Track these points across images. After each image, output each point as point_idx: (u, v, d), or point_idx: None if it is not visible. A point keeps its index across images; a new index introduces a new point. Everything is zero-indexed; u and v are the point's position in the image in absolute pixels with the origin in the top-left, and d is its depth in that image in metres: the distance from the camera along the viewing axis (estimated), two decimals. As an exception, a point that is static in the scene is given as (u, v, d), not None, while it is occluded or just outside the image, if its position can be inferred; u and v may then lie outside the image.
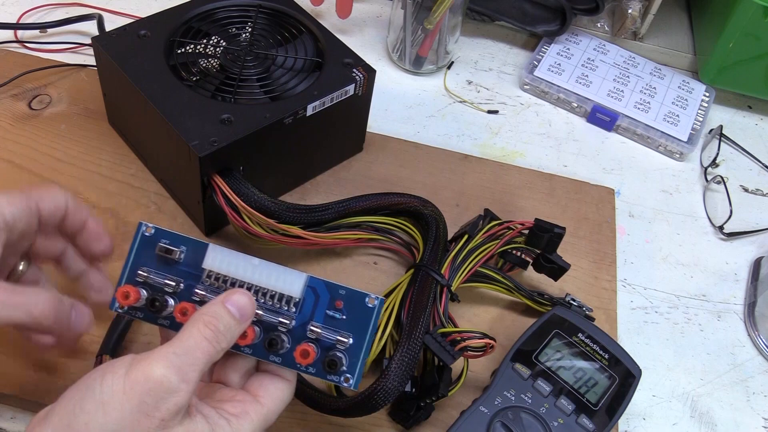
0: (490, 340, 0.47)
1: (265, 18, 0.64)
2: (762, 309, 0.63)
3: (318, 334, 0.40)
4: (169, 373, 0.34)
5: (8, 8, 0.77)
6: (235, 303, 0.38)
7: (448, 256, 0.54)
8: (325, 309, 0.41)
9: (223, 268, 0.41)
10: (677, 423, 0.56)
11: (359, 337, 0.40)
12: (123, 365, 0.35)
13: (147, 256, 0.41)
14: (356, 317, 0.40)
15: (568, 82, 0.79)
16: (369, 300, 0.40)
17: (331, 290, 0.41)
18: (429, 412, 0.50)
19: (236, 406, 0.39)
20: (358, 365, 0.40)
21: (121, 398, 0.34)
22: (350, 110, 0.62)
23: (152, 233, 0.41)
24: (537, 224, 0.55)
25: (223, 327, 0.37)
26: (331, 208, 0.56)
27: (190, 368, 0.35)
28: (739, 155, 0.79)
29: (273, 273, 0.40)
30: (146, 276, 0.41)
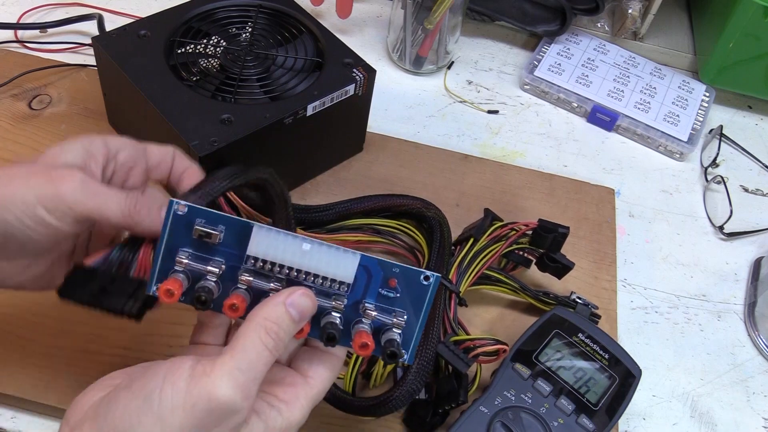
0: (502, 345, 0.48)
1: (265, 18, 0.64)
2: (762, 309, 0.63)
3: (372, 316, 0.38)
4: (234, 394, 0.33)
5: (8, 8, 0.77)
6: (298, 306, 0.36)
7: (455, 260, 0.54)
8: (378, 288, 0.39)
9: (269, 254, 0.37)
10: (677, 423, 0.56)
11: (414, 314, 0.39)
12: (183, 376, 0.33)
13: (181, 238, 0.37)
14: (411, 295, 0.39)
15: (568, 82, 0.79)
16: (424, 277, 0.38)
17: (385, 269, 0.38)
18: (444, 418, 0.51)
19: (287, 391, 0.38)
20: (412, 342, 0.39)
21: (181, 415, 0.32)
22: (350, 110, 0.62)
23: (185, 212, 0.37)
24: (541, 225, 0.55)
25: (284, 333, 0.36)
26: (332, 208, 0.56)
27: (253, 384, 0.34)
28: (739, 155, 0.79)
29: (324, 257, 0.38)
30: (186, 262, 0.37)
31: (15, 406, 0.50)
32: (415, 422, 0.50)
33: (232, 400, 0.33)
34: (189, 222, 0.37)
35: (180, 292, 0.37)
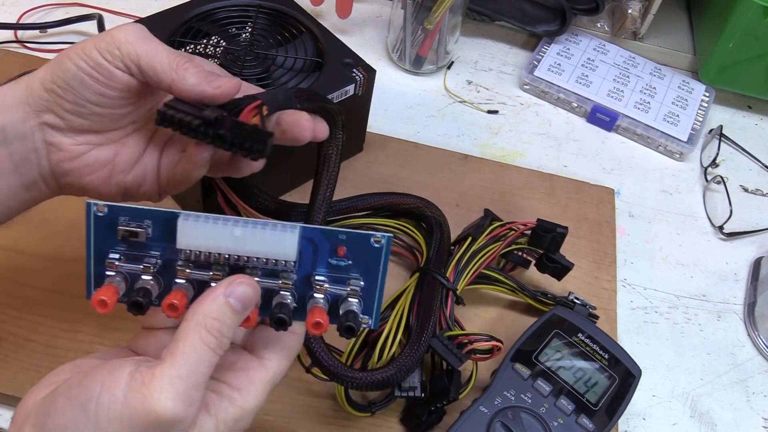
0: (496, 342, 0.48)
1: (265, 18, 0.64)
2: (762, 309, 0.63)
3: (324, 289, 0.36)
4: (175, 406, 0.31)
5: (8, 8, 0.77)
6: (239, 296, 0.34)
7: (453, 258, 0.54)
8: (327, 258, 0.36)
9: (201, 245, 0.35)
10: (677, 423, 0.56)
11: (371, 279, 0.36)
12: (121, 385, 0.31)
13: (109, 240, 0.35)
14: (364, 260, 0.36)
15: (568, 82, 0.79)
16: (374, 240, 0.36)
17: (330, 238, 0.36)
18: (440, 417, 0.51)
19: (239, 377, 0.35)
20: (374, 307, 0.36)
21: (118, 428, 0.30)
22: (350, 110, 0.62)
23: (106, 213, 0.35)
24: (540, 225, 0.55)
25: (227, 328, 0.33)
26: (333, 206, 0.56)
27: (196, 390, 0.32)
28: (739, 155, 0.79)
29: (260, 239, 0.35)
30: (117, 268, 0.35)
31: (15, 406, 0.50)
32: (411, 421, 0.50)
33: (173, 413, 0.30)
34: (112, 222, 0.35)
35: (115, 300, 0.34)
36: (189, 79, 0.38)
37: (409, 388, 0.49)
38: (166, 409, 0.30)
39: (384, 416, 0.51)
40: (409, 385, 0.49)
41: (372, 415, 0.51)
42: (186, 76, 0.38)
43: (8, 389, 0.49)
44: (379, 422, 0.51)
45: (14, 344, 0.51)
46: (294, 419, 0.50)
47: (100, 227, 0.35)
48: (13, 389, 0.49)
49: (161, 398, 0.30)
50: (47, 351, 0.51)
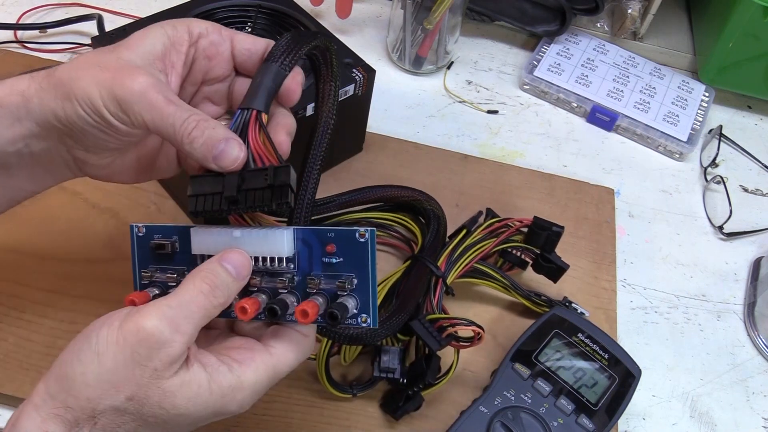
0: (477, 328, 0.47)
1: (264, 18, 0.64)
2: (762, 309, 0.63)
3: (317, 285, 0.39)
4: (162, 325, 0.34)
5: (8, 8, 0.77)
6: (231, 261, 0.38)
7: (446, 249, 0.54)
8: (320, 257, 0.39)
9: (211, 249, 0.39)
10: (677, 423, 0.56)
11: (362, 274, 0.38)
12: (119, 317, 0.35)
13: (148, 257, 0.42)
14: (352, 256, 0.38)
15: (568, 82, 0.79)
16: (359, 234, 0.38)
17: (320, 236, 0.39)
18: (418, 404, 0.51)
19: (242, 353, 0.38)
20: (370, 303, 0.38)
21: (115, 349, 0.34)
22: (350, 110, 0.62)
23: (144, 233, 0.42)
24: (536, 222, 0.56)
25: (219, 282, 0.37)
26: (334, 200, 0.56)
27: (184, 321, 0.35)
28: (739, 155, 0.79)
29: (256, 239, 0.39)
30: (150, 277, 0.41)
31: (15, 406, 0.50)
32: (390, 407, 0.51)
33: (158, 330, 0.34)
34: (149, 238, 0.41)
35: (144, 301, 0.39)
36: (196, 152, 0.38)
37: (387, 369, 0.49)
38: (152, 326, 0.34)
39: (364, 401, 0.52)
40: (389, 367, 0.49)
41: (353, 396, 0.51)
42: (194, 148, 0.38)
43: (8, 389, 0.49)
44: (358, 407, 0.51)
45: (14, 344, 0.51)
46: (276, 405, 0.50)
47: (140, 244, 0.42)
48: (13, 389, 0.49)
49: (149, 318, 0.34)
50: (47, 351, 0.51)
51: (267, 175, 0.38)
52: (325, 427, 0.50)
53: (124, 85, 0.37)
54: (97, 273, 0.55)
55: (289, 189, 0.38)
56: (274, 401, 0.51)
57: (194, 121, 0.38)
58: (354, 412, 0.51)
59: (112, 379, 0.34)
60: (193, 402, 0.35)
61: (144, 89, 0.38)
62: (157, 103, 0.38)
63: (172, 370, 0.35)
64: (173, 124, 0.38)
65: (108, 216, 0.59)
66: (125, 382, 0.34)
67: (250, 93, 0.40)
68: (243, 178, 0.38)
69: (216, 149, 0.38)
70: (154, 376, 0.34)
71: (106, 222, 0.58)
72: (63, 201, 0.59)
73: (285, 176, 0.38)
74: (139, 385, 0.34)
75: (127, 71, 0.38)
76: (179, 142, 0.38)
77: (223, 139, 0.38)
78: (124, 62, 0.39)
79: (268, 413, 0.50)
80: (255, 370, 0.37)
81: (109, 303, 0.53)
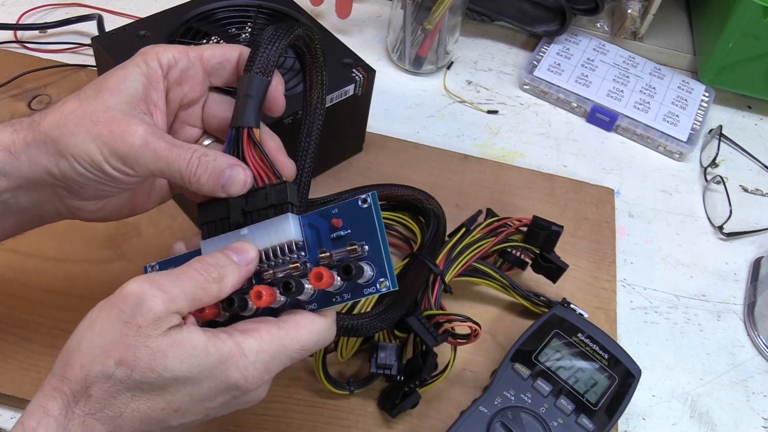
0: (474, 324, 0.47)
1: (264, 18, 0.64)
2: (761, 309, 0.63)
3: (329, 258, 0.38)
4: (144, 285, 0.34)
5: (8, 8, 0.77)
6: (235, 249, 0.38)
7: (445, 247, 0.55)
8: (329, 234, 0.39)
9: None
10: (677, 423, 0.56)
11: (372, 239, 0.38)
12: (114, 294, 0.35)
13: None
14: (359, 224, 0.39)
15: (568, 82, 0.79)
16: (361, 201, 0.38)
17: (325, 216, 0.39)
18: (415, 401, 0.51)
19: (247, 324, 0.37)
20: (386, 266, 0.38)
21: (104, 314, 0.34)
22: (350, 110, 0.62)
23: (158, 270, 0.42)
24: (535, 221, 0.56)
25: (214, 261, 0.36)
26: (335, 199, 0.56)
27: (170, 283, 0.35)
28: (739, 155, 0.79)
29: (263, 231, 0.39)
30: None
31: (15, 406, 0.50)
32: (387, 404, 0.51)
33: (140, 287, 0.34)
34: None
35: None
36: (204, 188, 0.39)
37: (384, 365, 0.49)
38: (136, 286, 0.34)
39: (362, 399, 0.52)
40: (386, 363, 0.49)
41: (351, 393, 0.51)
42: (201, 185, 0.39)
43: (8, 389, 0.49)
44: (358, 407, 0.51)
45: (14, 344, 0.51)
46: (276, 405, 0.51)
47: None
48: (13, 389, 0.49)
49: (135, 282, 0.35)
50: (47, 351, 0.51)
51: (267, 195, 0.39)
52: (325, 426, 0.50)
53: (124, 141, 0.37)
54: (97, 273, 0.55)
55: (290, 205, 0.39)
56: (273, 401, 0.51)
57: (196, 159, 0.38)
58: (354, 412, 0.51)
59: (102, 343, 0.34)
60: (187, 364, 0.34)
61: (145, 141, 0.38)
62: (161, 152, 0.38)
63: (159, 329, 0.34)
64: (179, 169, 0.38)
65: (108, 216, 0.59)
66: (113, 344, 0.33)
67: (238, 110, 0.41)
68: (246, 199, 0.39)
69: (222, 179, 0.38)
70: (139, 333, 0.33)
71: (106, 222, 0.58)
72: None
73: (283, 194, 0.39)
74: (127, 345, 0.33)
75: (121, 123, 0.38)
76: (187, 182, 0.39)
77: (227, 166, 0.39)
78: (114, 112, 0.38)
79: (267, 413, 0.50)
80: (258, 339, 0.36)
81: (109, 303, 0.53)
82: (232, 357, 0.35)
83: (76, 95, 0.40)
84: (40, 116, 0.39)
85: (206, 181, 0.38)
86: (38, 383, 0.48)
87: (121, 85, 0.39)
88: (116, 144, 0.37)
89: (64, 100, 0.39)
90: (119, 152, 0.37)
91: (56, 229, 0.57)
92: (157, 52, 0.41)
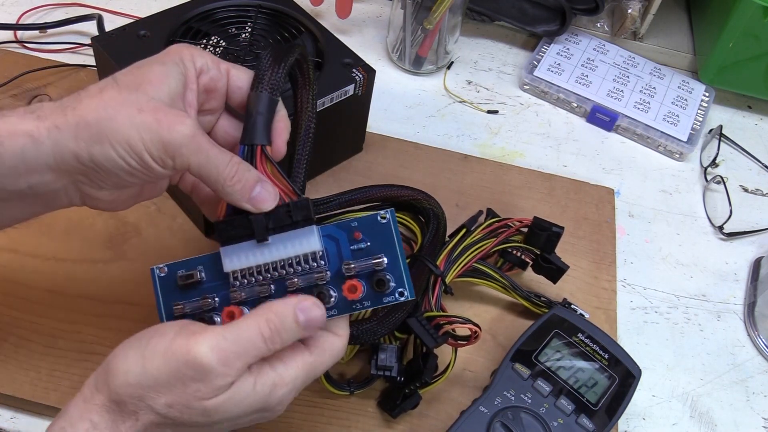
0: (474, 326, 0.47)
1: (264, 18, 0.64)
2: (762, 309, 0.63)
3: (354, 269, 0.40)
4: (212, 356, 0.34)
5: (8, 8, 0.77)
6: (306, 311, 0.37)
7: (445, 248, 0.54)
8: (348, 246, 0.41)
9: (243, 263, 0.41)
10: (677, 423, 0.56)
11: (390, 252, 0.41)
12: (173, 329, 0.36)
13: (173, 292, 0.42)
14: (378, 238, 0.41)
15: (568, 82, 0.79)
16: (381, 217, 0.41)
17: (344, 228, 0.41)
18: (416, 402, 0.51)
19: (285, 351, 0.38)
20: (404, 278, 0.41)
21: (161, 360, 0.35)
22: (350, 110, 0.62)
23: (166, 272, 0.42)
24: (535, 222, 0.56)
25: (283, 331, 0.37)
26: (334, 200, 0.56)
27: (236, 358, 0.35)
28: (739, 155, 0.79)
29: (287, 242, 0.40)
30: (182, 309, 0.41)
31: (14, 406, 0.50)
32: (387, 405, 0.51)
33: (207, 361, 0.34)
34: (172, 276, 0.42)
35: None
36: (233, 195, 0.39)
37: (385, 367, 0.49)
38: (202, 355, 0.34)
39: (362, 400, 0.52)
40: (386, 365, 0.49)
41: (351, 394, 0.51)
42: (233, 191, 0.39)
43: (8, 389, 0.49)
44: (358, 407, 0.51)
45: (14, 344, 0.51)
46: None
47: (164, 285, 0.42)
48: (13, 389, 0.49)
49: (202, 345, 0.35)
50: (47, 351, 0.51)
51: (290, 213, 0.40)
52: (325, 426, 0.50)
53: (172, 130, 0.37)
54: (97, 273, 0.55)
55: (313, 222, 0.40)
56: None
57: (235, 164, 0.39)
58: (354, 412, 0.51)
59: (154, 386, 0.35)
60: (239, 406, 0.36)
61: (193, 133, 0.38)
62: (204, 147, 0.38)
63: (216, 395, 0.35)
64: (217, 167, 0.38)
65: (108, 216, 0.59)
66: (166, 391, 0.35)
67: (249, 127, 0.41)
68: (268, 217, 0.40)
69: (253, 191, 0.39)
70: (196, 396, 0.35)
71: (106, 222, 0.58)
72: (63, 201, 0.59)
73: (307, 211, 0.40)
74: (180, 396, 0.35)
75: (168, 114, 0.37)
76: (220, 184, 0.39)
77: (258, 182, 0.39)
78: (159, 103, 0.38)
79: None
80: (295, 368, 0.38)
81: (109, 303, 0.53)
82: (274, 388, 0.37)
83: (113, 83, 0.39)
84: (71, 101, 0.38)
85: (238, 190, 0.39)
86: (38, 383, 0.49)
87: (164, 80, 0.39)
88: (162, 132, 0.37)
89: (100, 86, 0.39)
90: (164, 140, 0.37)
91: (56, 229, 0.57)
92: (193, 54, 0.41)
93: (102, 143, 0.37)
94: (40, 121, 0.37)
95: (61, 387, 0.49)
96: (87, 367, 0.50)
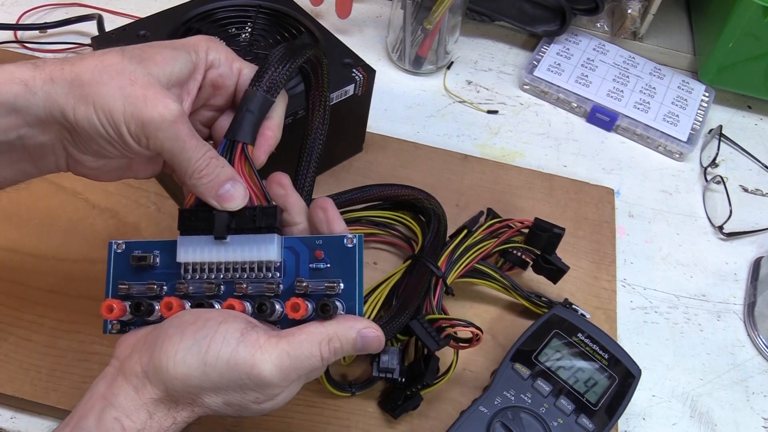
0: (476, 329, 0.47)
1: (264, 18, 0.64)
2: (761, 309, 0.63)
3: (305, 288, 0.39)
4: (275, 374, 0.36)
5: (8, 8, 0.77)
6: (367, 339, 0.39)
7: (446, 249, 0.55)
8: (307, 264, 0.40)
9: (197, 257, 0.40)
10: (677, 423, 0.56)
11: (349, 279, 0.39)
12: (234, 336, 0.36)
13: (125, 271, 0.41)
14: (340, 261, 0.39)
15: (568, 82, 0.79)
16: (347, 240, 0.39)
17: (308, 244, 0.40)
18: (417, 403, 0.51)
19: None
20: (356, 308, 0.39)
21: (224, 368, 0.36)
22: (350, 110, 0.62)
23: (123, 249, 0.42)
24: (536, 223, 0.56)
25: (341, 354, 0.38)
26: (334, 199, 0.56)
27: (294, 372, 0.37)
28: (739, 155, 0.79)
29: (245, 246, 0.39)
30: (127, 288, 0.41)
31: (14, 406, 0.50)
32: (388, 405, 0.51)
33: (270, 378, 0.36)
34: (128, 254, 0.41)
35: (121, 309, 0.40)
36: (199, 188, 0.39)
37: (387, 369, 0.49)
38: (266, 371, 0.36)
39: (363, 400, 0.52)
40: (388, 367, 0.49)
41: (352, 395, 0.51)
42: (199, 185, 0.39)
43: (8, 389, 0.49)
44: (358, 407, 0.51)
45: (14, 344, 0.51)
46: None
47: (118, 261, 0.42)
48: (13, 389, 0.49)
49: (267, 361, 0.36)
50: (47, 351, 0.51)
51: (255, 217, 0.39)
52: (325, 427, 0.50)
53: (155, 110, 0.37)
54: (97, 273, 0.55)
55: (276, 231, 0.39)
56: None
57: (207, 158, 0.39)
58: (354, 412, 0.51)
59: (213, 389, 0.36)
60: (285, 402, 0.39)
61: (175, 118, 0.37)
62: (181, 135, 0.38)
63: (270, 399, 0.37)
64: (189, 159, 0.38)
65: (108, 216, 0.59)
66: (224, 394, 0.37)
67: (236, 123, 0.41)
68: (232, 217, 0.39)
69: (222, 189, 0.39)
70: (252, 400, 0.37)
71: (106, 222, 0.59)
72: (63, 201, 0.59)
73: (273, 219, 0.39)
74: (237, 399, 0.37)
75: (158, 93, 0.37)
76: (188, 175, 0.39)
77: (231, 179, 0.39)
78: (153, 80, 0.38)
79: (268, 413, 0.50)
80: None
81: (109, 303, 0.53)
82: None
83: (119, 51, 0.39)
84: (74, 58, 0.38)
85: (205, 184, 0.39)
86: (38, 383, 0.49)
87: (169, 63, 0.39)
88: (145, 109, 0.37)
89: (105, 51, 0.39)
90: (144, 118, 0.37)
91: (56, 229, 0.57)
92: (208, 47, 0.42)
93: (87, 104, 0.37)
94: (37, 71, 0.37)
95: (61, 387, 0.49)
96: (87, 367, 0.50)
